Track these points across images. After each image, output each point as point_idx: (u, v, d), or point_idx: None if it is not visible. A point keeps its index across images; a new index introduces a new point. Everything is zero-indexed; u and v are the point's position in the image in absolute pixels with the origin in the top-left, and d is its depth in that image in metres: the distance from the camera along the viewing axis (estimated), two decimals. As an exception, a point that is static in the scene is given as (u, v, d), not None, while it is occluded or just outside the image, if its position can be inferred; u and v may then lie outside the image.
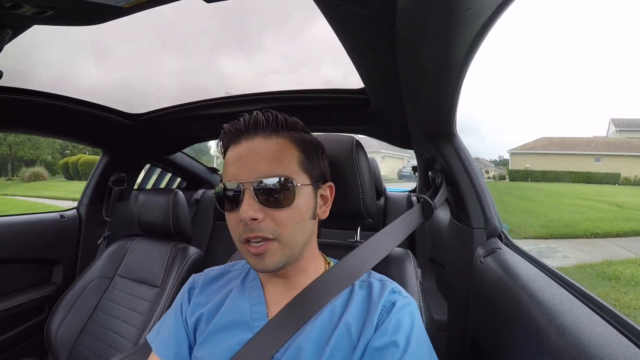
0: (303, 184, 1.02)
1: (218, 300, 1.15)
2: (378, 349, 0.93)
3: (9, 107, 2.09)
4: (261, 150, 1.00)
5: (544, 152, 36.11)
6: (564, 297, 1.02)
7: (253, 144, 1.01)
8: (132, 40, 1.79)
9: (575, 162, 34.30)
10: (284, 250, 0.99)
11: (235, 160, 1.01)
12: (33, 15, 1.08)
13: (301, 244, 1.04)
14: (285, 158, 1.01)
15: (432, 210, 1.49)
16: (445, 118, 1.56)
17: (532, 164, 36.52)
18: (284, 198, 0.97)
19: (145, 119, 2.58)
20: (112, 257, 2.54)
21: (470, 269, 1.64)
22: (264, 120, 1.03)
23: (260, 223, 0.95)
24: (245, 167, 0.99)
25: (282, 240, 0.98)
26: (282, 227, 0.97)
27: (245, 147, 1.02)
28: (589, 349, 0.77)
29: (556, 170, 33.60)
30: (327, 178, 1.16)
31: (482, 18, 0.82)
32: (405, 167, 25.69)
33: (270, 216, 0.96)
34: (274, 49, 1.92)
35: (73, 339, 2.28)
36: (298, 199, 0.99)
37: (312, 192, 1.06)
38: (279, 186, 0.96)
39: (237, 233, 0.99)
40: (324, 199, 1.13)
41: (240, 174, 0.98)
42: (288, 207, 0.97)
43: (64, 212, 3.01)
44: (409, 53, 1.09)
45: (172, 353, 1.12)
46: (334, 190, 1.17)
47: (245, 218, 0.93)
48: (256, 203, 0.95)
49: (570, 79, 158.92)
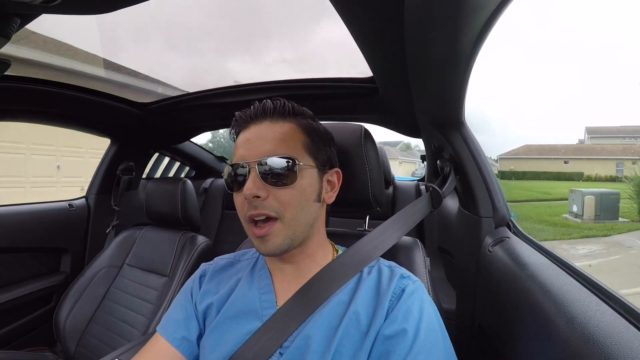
0: (307, 165, 1.04)
1: (227, 289, 1.15)
2: (388, 337, 0.93)
3: (17, 96, 2.10)
4: (268, 133, 1.03)
5: (525, 157, 42.41)
6: (573, 286, 1.01)
7: (261, 128, 1.05)
8: (144, 33, 1.80)
9: (549, 165, 40.77)
10: (287, 232, 1.00)
11: (243, 143, 1.04)
12: (41, 4, 1.08)
13: (305, 225, 1.04)
14: (290, 140, 1.03)
15: (440, 199, 1.49)
16: (453, 107, 1.56)
17: (515, 167, 42.30)
18: (286, 177, 0.99)
19: (154, 107, 2.58)
20: (120, 246, 2.54)
21: (479, 258, 1.63)
22: (272, 107, 1.06)
23: (263, 201, 0.97)
24: (251, 148, 1.02)
25: (285, 220, 0.99)
26: (285, 206, 0.99)
27: (253, 131, 1.05)
28: (598, 338, 0.76)
29: (534, 171, 38.64)
30: (334, 164, 1.16)
31: (489, 8, 0.82)
32: (417, 170, 27.62)
33: (274, 195, 0.98)
34: (283, 41, 1.92)
35: (82, 328, 2.29)
36: (301, 179, 1.01)
37: (316, 174, 1.07)
38: (283, 165, 0.98)
39: (242, 212, 1.02)
40: (331, 184, 1.14)
41: (247, 155, 1.01)
42: (290, 185, 0.99)
43: (73, 201, 3.01)
44: (417, 42, 1.09)
45: (180, 336, 1.12)
46: (342, 177, 1.17)
47: (249, 195, 0.96)
48: (260, 181, 0.97)
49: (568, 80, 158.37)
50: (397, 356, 0.89)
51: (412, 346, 0.90)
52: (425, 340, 0.92)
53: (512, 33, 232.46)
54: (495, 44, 25.35)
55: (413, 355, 0.88)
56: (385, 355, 0.91)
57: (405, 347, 0.89)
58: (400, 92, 1.68)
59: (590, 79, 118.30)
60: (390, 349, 0.91)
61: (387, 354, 0.91)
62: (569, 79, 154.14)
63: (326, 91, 2.05)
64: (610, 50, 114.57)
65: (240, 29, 1.89)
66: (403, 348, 0.90)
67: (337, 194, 1.15)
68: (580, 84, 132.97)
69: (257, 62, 2.12)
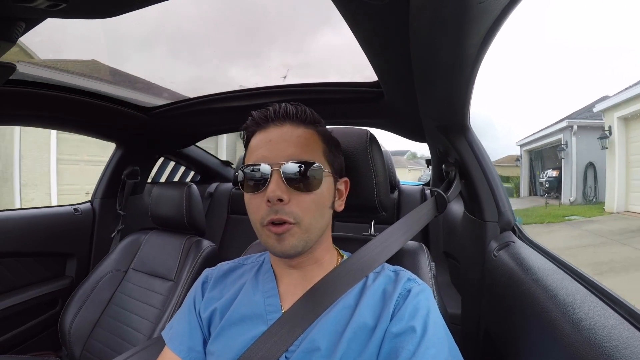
0: (328, 172, 1.05)
1: (232, 294, 1.15)
2: (396, 334, 0.93)
3: (23, 100, 2.11)
4: (292, 136, 1.03)
5: (507, 164, 41.75)
6: (578, 290, 1.02)
7: (283, 130, 1.04)
8: (150, 41, 1.81)
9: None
10: (303, 235, 0.99)
11: (265, 143, 1.03)
12: (46, 9, 1.08)
13: (319, 231, 1.05)
14: (312, 146, 1.04)
15: (445, 204, 1.49)
16: (458, 111, 1.56)
17: (501, 172, 41.91)
18: (310, 182, 0.99)
19: (159, 112, 2.58)
20: (125, 251, 2.54)
21: (484, 263, 1.63)
22: (294, 111, 1.06)
23: (284, 205, 0.96)
24: (275, 149, 1.01)
25: (303, 225, 0.99)
26: (305, 212, 0.98)
27: (275, 132, 1.04)
28: (603, 343, 0.76)
29: (510, 176, 39.18)
30: (343, 173, 1.18)
31: (495, 12, 0.81)
32: (422, 176, 28.36)
33: (296, 199, 0.98)
34: (288, 46, 1.92)
35: (87, 332, 2.29)
36: (322, 186, 1.01)
37: (333, 182, 1.09)
38: (307, 171, 0.98)
39: (259, 216, 1.00)
40: (339, 193, 1.15)
41: (270, 156, 1.00)
42: (313, 191, 0.99)
43: (78, 205, 3.01)
44: (423, 46, 1.09)
45: (186, 347, 1.12)
46: (349, 186, 1.19)
47: (272, 198, 0.95)
48: (284, 184, 0.97)
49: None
50: (406, 352, 0.89)
51: (421, 342, 0.90)
52: (434, 336, 0.92)
53: (512, 34, 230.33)
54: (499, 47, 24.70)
55: (422, 350, 0.88)
56: (395, 351, 0.91)
57: (414, 342, 0.90)
58: (406, 96, 1.68)
59: (594, 82, 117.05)
60: (399, 346, 0.91)
61: (396, 350, 0.91)
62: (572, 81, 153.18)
63: (331, 96, 2.04)
64: (617, 52, 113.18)
65: (245, 35, 1.90)
66: (412, 344, 0.90)
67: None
68: (585, 86, 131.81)
69: (262, 67, 2.12)
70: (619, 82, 58.93)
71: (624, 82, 29.53)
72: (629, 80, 23.27)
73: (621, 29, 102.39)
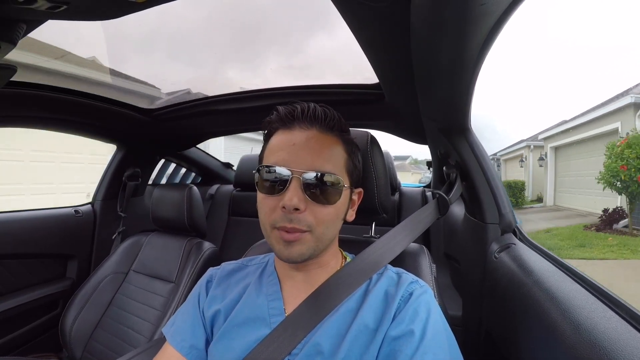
0: (346, 186, 1.04)
1: (235, 296, 1.14)
2: (395, 338, 0.93)
3: (24, 102, 2.11)
4: (317, 144, 1.01)
5: None
6: (579, 292, 1.01)
7: (308, 135, 1.01)
8: (149, 43, 1.81)
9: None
10: (313, 244, 0.99)
11: (287, 146, 1.00)
12: (47, 10, 1.08)
13: (329, 241, 1.05)
14: (336, 157, 1.03)
15: (447, 206, 1.48)
16: (459, 113, 1.55)
17: None
18: (328, 195, 0.98)
19: (160, 113, 2.58)
20: (126, 253, 2.55)
21: (485, 265, 1.63)
22: (322, 115, 1.04)
23: (300, 214, 0.95)
24: (298, 155, 0.98)
25: (315, 234, 0.98)
26: (319, 222, 0.97)
27: (300, 135, 1.02)
28: (604, 345, 0.76)
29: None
30: (360, 183, 1.17)
31: (496, 14, 0.81)
32: (422, 178, 29.16)
33: (312, 210, 0.97)
34: (287, 48, 1.92)
35: (88, 334, 2.29)
36: (340, 199, 1.01)
37: (349, 194, 1.08)
38: (328, 183, 0.97)
39: (271, 218, 0.98)
40: (352, 203, 1.14)
41: (292, 161, 0.97)
42: (330, 205, 0.99)
43: (79, 207, 3.01)
44: (424, 48, 1.09)
45: (188, 344, 1.11)
46: (362, 196, 1.18)
47: (289, 206, 0.93)
48: (302, 193, 0.95)
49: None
50: (404, 355, 0.88)
51: (419, 346, 0.89)
52: (432, 341, 0.91)
53: (512, 34, 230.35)
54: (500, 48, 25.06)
55: (420, 355, 0.88)
56: (392, 355, 0.90)
57: (412, 347, 0.89)
58: (407, 98, 1.68)
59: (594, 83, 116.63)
60: (397, 349, 0.91)
61: (394, 354, 0.90)
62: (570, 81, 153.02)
63: (331, 97, 2.04)
64: (618, 54, 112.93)
65: (245, 37, 1.90)
66: (410, 348, 0.89)
67: None
68: (585, 87, 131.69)
69: (262, 69, 2.12)
70: (618, 82, 58.81)
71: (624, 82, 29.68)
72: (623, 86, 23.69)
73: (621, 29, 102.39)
